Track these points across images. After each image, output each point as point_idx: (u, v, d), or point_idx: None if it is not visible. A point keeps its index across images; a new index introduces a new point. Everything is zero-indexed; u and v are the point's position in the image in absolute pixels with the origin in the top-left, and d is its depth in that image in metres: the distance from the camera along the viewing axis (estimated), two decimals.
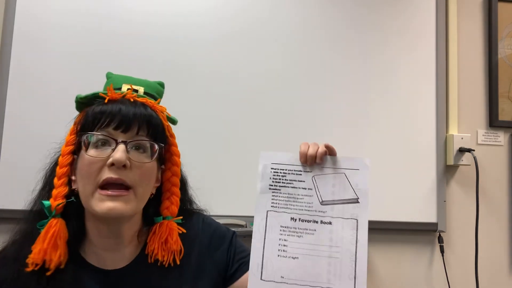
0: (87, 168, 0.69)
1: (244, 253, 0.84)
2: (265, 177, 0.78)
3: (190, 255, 0.79)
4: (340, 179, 0.76)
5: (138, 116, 0.71)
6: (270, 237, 0.75)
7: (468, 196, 1.56)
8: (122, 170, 0.68)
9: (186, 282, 0.77)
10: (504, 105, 1.61)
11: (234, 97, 1.46)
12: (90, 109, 0.72)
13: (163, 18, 1.45)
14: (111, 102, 0.71)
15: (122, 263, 0.75)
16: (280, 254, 0.74)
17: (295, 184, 0.77)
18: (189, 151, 1.41)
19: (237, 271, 0.81)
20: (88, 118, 0.71)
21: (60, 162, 0.72)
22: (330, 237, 0.74)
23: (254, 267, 0.74)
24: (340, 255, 0.73)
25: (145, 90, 0.77)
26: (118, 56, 1.41)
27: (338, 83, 1.52)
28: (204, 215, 0.88)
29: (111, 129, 0.69)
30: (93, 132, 0.70)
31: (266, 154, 0.80)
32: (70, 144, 0.73)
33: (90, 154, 0.68)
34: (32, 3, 1.39)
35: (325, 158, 0.77)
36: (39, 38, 1.38)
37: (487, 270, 1.55)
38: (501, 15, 1.62)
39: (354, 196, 0.75)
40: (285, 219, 0.76)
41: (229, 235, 0.86)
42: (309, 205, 0.76)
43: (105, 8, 1.42)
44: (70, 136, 0.73)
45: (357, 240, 0.73)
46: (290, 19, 1.52)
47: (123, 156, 0.67)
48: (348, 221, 0.75)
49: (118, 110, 0.70)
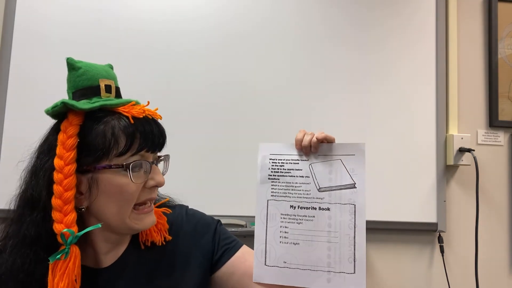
0: (130, 193, 0.68)
1: (228, 239, 0.85)
2: (264, 168, 0.81)
3: (177, 244, 0.80)
4: (337, 166, 0.78)
5: (163, 135, 0.73)
6: (271, 225, 0.79)
7: (468, 196, 1.56)
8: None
9: (176, 270, 0.78)
10: (504, 105, 1.61)
11: (233, 97, 1.46)
12: (110, 128, 0.67)
13: (164, 15, 1.46)
14: (136, 120, 0.69)
15: (114, 258, 0.76)
16: (282, 240, 0.78)
17: (293, 173, 0.80)
18: (189, 151, 1.42)
19: (223, 257, 0.82)
20: (117, 140, 0.67)
21: (65, 184, 0.64)
22: (328, 222, 0.77)
23: (258, 253, 0.78)
24: (339, 239, 0.75)
25: (115, 84, 0.75)
26: (119, 52, 1.42)
27: (338, 83, 1.52)
28: (186, 206, 0.89)
29: (144, 152, 0.70)
30: (127, 155, 0.68)
31: (264, 145, 0.82)
32: (71, 162, 0.65)
33: (136, 181, 0.68)
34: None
35: (320, 146, 0.79)
36: (39, 34, 1.39)
37: (487, 270, 1.55)
38: (501, 15, 1.62)
39: (351, 182, 0.77)
40: (285, 207, 0.79)
41: (213, 223, 0.87)
42: (307, 192, 0.78)
43: (105, 4, 1.43)
44: (68, 152, 0.65)
45: (355, 224, 0.75)
46: (290, 18, 1.52)
47: (163, 178, 0.73)
48: (345, 206, 0.76)
49: (150, 132, 0.70)
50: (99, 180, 0.67)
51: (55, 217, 0.65)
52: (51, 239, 0.65)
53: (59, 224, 0.64)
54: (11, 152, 1.33)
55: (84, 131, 0.67)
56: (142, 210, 0.72)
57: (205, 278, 0.82)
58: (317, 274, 0.75)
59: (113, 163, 0.67)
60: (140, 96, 0.78)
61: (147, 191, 0.71)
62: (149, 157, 0.72)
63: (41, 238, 0.65)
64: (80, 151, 0.67)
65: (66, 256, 0.64)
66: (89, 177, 0.67)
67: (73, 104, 0.67)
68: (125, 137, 0.68)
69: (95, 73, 0.72)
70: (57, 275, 0.64)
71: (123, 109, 0.70)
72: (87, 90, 0.70)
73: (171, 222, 0.82)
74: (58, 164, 0.65)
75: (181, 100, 1.44)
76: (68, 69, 0.72)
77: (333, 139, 0.79)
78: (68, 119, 0.68)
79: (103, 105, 0.69)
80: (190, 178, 1.41)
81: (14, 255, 0.66)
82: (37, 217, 0.66)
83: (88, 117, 0.68)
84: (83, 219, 0.70)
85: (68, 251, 0.64)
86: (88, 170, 0.67)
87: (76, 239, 0.65)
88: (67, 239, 0.64)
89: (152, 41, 1.44)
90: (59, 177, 0.64)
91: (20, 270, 0.65)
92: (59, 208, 0.65)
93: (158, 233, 0.78)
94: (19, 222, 0.67)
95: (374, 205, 1.39)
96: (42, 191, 0.66)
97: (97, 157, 0.67)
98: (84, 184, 0.68)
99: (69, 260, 0.65)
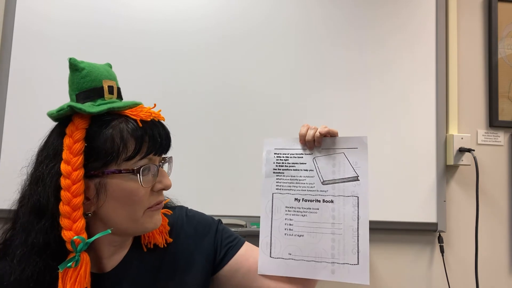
0: (140, 197, 0.68)
1: (230, 237, 0.85)
2: (269, 162, 0.83)
3: (178, 246, 0.80)
4: (340, 159, 0.80)
5: (168, 138, 0.73)
6: (276, 217, 0.81)
7: (468, 196, 1.56)
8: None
9: (178, 271, 0.78)
10: (504, 105, 1.61)
11: (234, 97, 1.46)
12: (118, 132, 0.66)
13: (164, 15, 1.46)
14: (143, 123, 0.68)
15: (117, 262, 0.75)
16: (287, 232, 0.79)
17: (297, 166, 0.81)
18: (189, 151, 1.42)
19: (226, 255, 0.82)
20: (126, 144, 0.66)
21: (74, 189, 0.63)
22: (332, 214, 0.78)
23: (264, 245, 0.80)
24: (342, 231, 0.77)
25: (116, 84, 0.75)
26: (119, 52, 1.42)
27: (338, 82, 1.52)
28: (186, 207, 0.89)
29: (152, 155, 0.70)
30: (135, 159, 0.67)
31: (269, 140, 0.85)
32: (79, 167, 0.63)
33: (145, 185, 0.68)
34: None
35: (324, 140, 0.81)
36: (39, 34, 1.39)
37: (487, 270, 1.55)
38: (501, 15, 1.62)
39: (354, 174, 0.78)
40: (290, 200, 0.81)
41: (214, 223, 0.87)
42: (311, 185, 0.80)
43: (105, 4, 1.43)
44: (75, 156, 0.64)
45: (359, 216, 0.77)
46: (289, 18, 1.52)
47: (170, 181, 0.73)
48: (349, 198, 0.78)
49: (158, 135, 0.70)
50: (107, 185, 0.66)
51: (64, 224, 0.63)
52: (60, 246, 0.64)
53: (68, 231, 0.63)
54: (11, 152, 1.33)
55: (91, 135, 0.66)
56: (156, 207, 0.72)
57: (207, 279, 0.81)
58: (322, 265, 0.76)
59: (122, 167, 0.66)
60: (140, 96, 0.78)
61: (155, 194, 0.71)
62: (156, 160, 0.72)
63: (50, 246, 0.64)
64: (88, 156, 0.65)
65: (77, 264, 0.63)
66: (97, 182, 0.66)
67: (81, 108, 0.65)
68: (134, 141, 0.67)
69: (98, 74, 0.70)
70: (68, 283, 0.62)
71: (130, 112, 0.69)
72: (91, 92, 0.69)
73: (172, 224, 0.81)
74: (65, 169, 0.63)
75: (181, 100, 1.44)
76: (70, 70, 0.70)
77: (336, 133, 0.81)
78: (74, 123, 0.66)
79: (110, 108, 0.67)
80: (190, 178, 1.41)
81: (23, 264, 0.64)
82: (45, 225, 0.64)
83: (95, 120, 0.67)
84: (88, 225, 0.68)
85: (78, 259, 0.63)
86: (95, 175, 0.66)
87: (86, 246, 0.64)
88: (77, 246, 0.63)
89: (153, 41, 1.44)
90: (67, 183, 0.63)
91: (30, 280, 0.63)
92: (68, 215, 0.63)
93: (160, 235, 0.78)
94: (26, 230, 0.65)
95: (374, 205, 1.39)
96: (49, 198, 0.64)
97: (106, 162, 0.65)
98: (91, 189, 0.66)
99: (80, 268, 0.63)
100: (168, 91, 1.44)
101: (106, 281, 0.73)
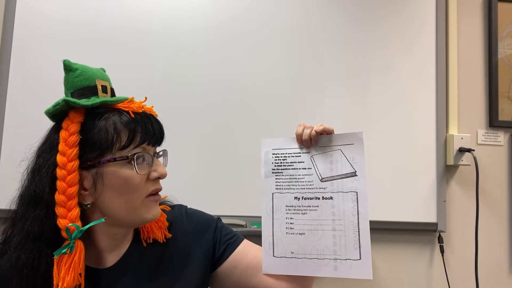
0: (136, 184, 0.70)
1: (229, 234, 0.86)
2: (268, 163, 0.84)
3: (178, 243, 0.81)
4: (337, 156, 0.80)
5: (161, 130, 0.75)
6: (277, 217, 0.81)
7: (468, 196, 1.56)
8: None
9: (177, 267, 0.79)
10: (504, 105, 1.61)
11: (233, 98, 1.47)
12: (112, 123, 0.69)
13: (164, 14, 1.46)
14: (135, 115, 0.71)
15: (117, 257, 0.76)
16: (288, 231, 0.80)
17: (295, 165, 0.82)
18: (189, 151, 1.42)
19: (225, 252, 0.83)
20: (119, 134, 0.69)
21: (69, 179, 0.65)
22: (332, 211, 0.78)
23: (266, 245, 0.80)
24: (343, 227, 0.77)
25: (110, 85, 0.77)
26: (119, 50, 1.43)
27: (338, 83, 1.52)
28: (185, 206, 0.90)
29: (145, 145, 0.72)
30: (129, 148, 0.69)
31: (266, 141, 0.85)
32: (74, 158, 0.66)
33: (140, 173, 0.70)
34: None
35: (320, 138, 0.82)
36: (40, 33, 1.39)
37: (487, 270, 1.55)
38: (501, 15, 1.62)
39: (351, 170, 0.79)
40: (289, 199, 0.81)
41: (213, 220, 0.88)
42: (310, 183, 0.80)
43: (105, 2, 1.44)
44: (70, 148, 0.66)
45: (359, 211, 0.77)
46: (289, 19, 1.52)
47: (165, 170, 0.74)
48: (348, 194, 0.78)
49: (151, 126, 0.72)
50: (104, 174, 0.68)
51: (59, 212, 0.65)
52: (55, 234, 0.66)
53: (63, 219, 0.65)
54: (11, 151, 1.33)
55: (86, 128, 0.68)
56: (154, 198, 0.73)
57: (207, 275, 0.82)
58: (324, 262, 0.77)
59: (117, 155, 0.68)
60: (140, 94, 0.78)
61: (151, 183, 0.73)
62: (150, 150, 0.73)
63: (45, 233, 0.66)
64: (83, 148, 0.67)
65: (71, 250, 0.65)
66: (94, 172, 0.68)
67: (75, 101, 0.68)
68: (127, 130, 0.69)
69: (91, 74, 0.73)
70: (63, 269, 0.64)
71: (122, 105, 0.72)
72: (85, 89, 0.71)
73: (171, 221, 0.82)
74: (61, 160, 0.66)
75: (181, 99, 1.44)
76: (65, 70, 0.73)
77: (331, 130, 0.81)
78: (69, 117, 0.69)
79: (103, 102, 0.70)
80: (190, 178, 1.41)
81: (18, 251, 0.66)
82: (40, 213, 0.66)
83: (89, 114, 0.70)
84: (86, 217, 0.70)
85: (73, 246, 0.65)
86: (92, 166, 0.68)
87: (80, 233, 0.65)
88: (72, 233, 0.65)
89: (152, 39, 1.44)
90: (62, 173, 0.65)
91: (24, 266, 0.65)
92: (63, 204, 0.65)
93: (159, 230, 0.79)
94: (23, 219, 0.68)
95: (374, 205, 1.39)
96: (45, 188, 0.66)
97: (101, 152, 0.68)
98: (88, 179, 0.68)
99: (74, 255, 0.65)
100: (168, 91, 1.44)
101: (107, 276, 0.74)
